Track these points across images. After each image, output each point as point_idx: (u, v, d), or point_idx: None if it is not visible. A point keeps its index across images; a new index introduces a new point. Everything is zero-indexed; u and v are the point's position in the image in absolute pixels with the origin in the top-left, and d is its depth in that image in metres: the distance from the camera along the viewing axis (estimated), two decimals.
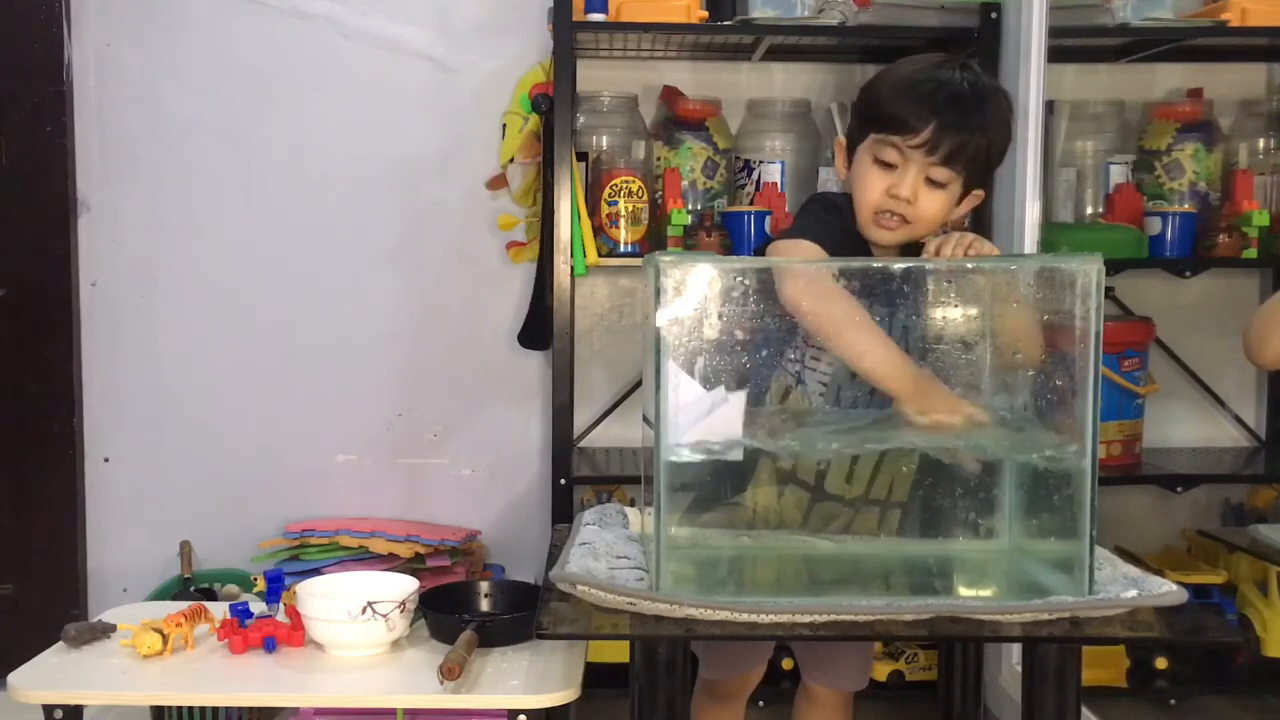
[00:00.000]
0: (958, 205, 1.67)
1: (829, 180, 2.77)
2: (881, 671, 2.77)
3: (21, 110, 2.82)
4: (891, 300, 1.44)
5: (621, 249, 2.69)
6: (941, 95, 1.59)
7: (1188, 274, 2.82)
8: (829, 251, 1.61)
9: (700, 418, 1.41)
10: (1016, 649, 2.48)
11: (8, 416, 2.86)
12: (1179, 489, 2.79)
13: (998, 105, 1.65)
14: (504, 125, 2.85)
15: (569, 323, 2.65)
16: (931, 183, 1.62)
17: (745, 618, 1.33)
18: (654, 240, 2.74)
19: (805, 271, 1.47)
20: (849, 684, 1.92)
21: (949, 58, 1.68)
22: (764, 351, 1.45)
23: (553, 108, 2.62)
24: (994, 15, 2.65)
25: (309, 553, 2.75)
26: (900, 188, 1.62)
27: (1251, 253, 2.71)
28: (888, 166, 1.63)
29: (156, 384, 2.92)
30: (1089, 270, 1.36)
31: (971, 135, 1.60)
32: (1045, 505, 1.46)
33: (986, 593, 1.49)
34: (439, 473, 2.97)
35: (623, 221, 2.68)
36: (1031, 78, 2.51)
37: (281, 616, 1.95)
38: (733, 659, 1.89)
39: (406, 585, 1.92)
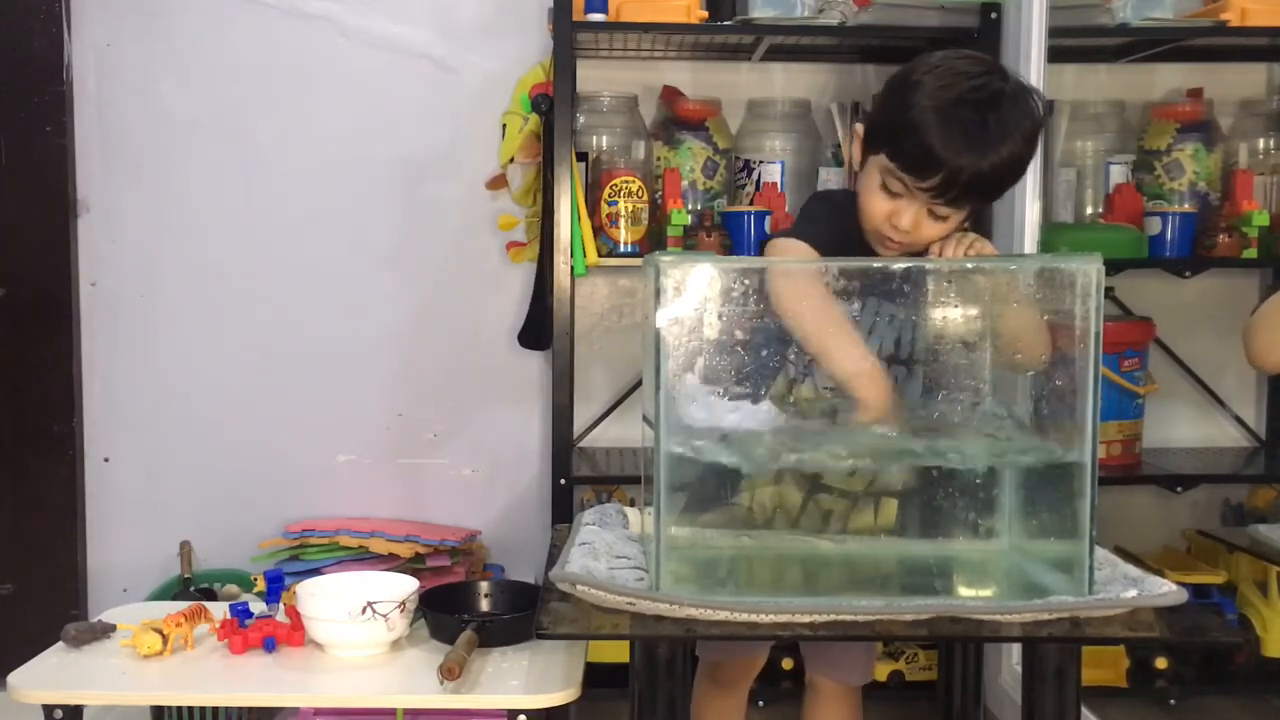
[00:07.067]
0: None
1: (829, 180, 2.77)
2: (881, 671, 2.76)
3: (21, 110, 2.82)
4: (891, 300, 1.44)
5: (621, 249, 2.69)
6: (958, 141, 1.51)
7: (1188, 274, 2.83)
8: (821, 251, 1.60)
9: (701, 417, 1.41)
10: (1016, 649, 2.48)
11: (8, 416, 2.86)
12: (1179, 489, 2.80)
13: (1017, 136, 1.54)
14: (504, 125, 2.86)
15: (569, 323, 2.65)
16: (934, 215, 1.60)
17: (745, 618, 1.33)
18: (654, 240, 2.74)
19: (787, 272, 1.47)
20: (853, 677, 1.91)
21: (986, 72, 1.55)
22: (764, 351, 1.45)
23: (553, 108, 2.62)
24: (994, 15, 2.65)
25: (309, 553, 2.75)
26: (900, 219, 1.59)
27: (1251, 253, 2.71)
28: (892, 194, 1.59)
29: (156, 384, 2.92)
30: (1089, 270, 1.36)
31: (983, 177, 1.54)
32: (1045, 505, 1.46)
33: (986, 593, 1.49)
34: (439, 473, 2.97)
35: (623, 221, 2.68)
36: (1031, 78, 2.51)
37: (281, 616, 1.95)
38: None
39: (406, 585, 1.92)
